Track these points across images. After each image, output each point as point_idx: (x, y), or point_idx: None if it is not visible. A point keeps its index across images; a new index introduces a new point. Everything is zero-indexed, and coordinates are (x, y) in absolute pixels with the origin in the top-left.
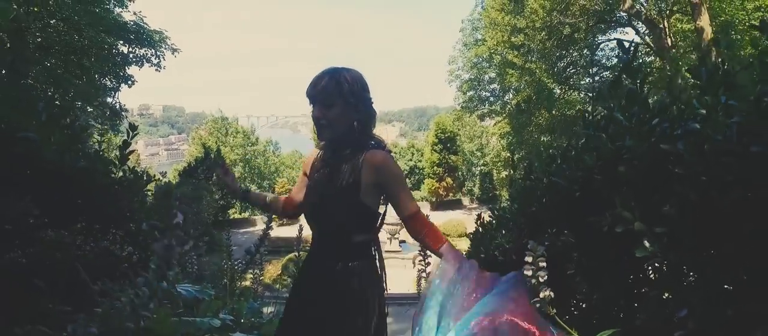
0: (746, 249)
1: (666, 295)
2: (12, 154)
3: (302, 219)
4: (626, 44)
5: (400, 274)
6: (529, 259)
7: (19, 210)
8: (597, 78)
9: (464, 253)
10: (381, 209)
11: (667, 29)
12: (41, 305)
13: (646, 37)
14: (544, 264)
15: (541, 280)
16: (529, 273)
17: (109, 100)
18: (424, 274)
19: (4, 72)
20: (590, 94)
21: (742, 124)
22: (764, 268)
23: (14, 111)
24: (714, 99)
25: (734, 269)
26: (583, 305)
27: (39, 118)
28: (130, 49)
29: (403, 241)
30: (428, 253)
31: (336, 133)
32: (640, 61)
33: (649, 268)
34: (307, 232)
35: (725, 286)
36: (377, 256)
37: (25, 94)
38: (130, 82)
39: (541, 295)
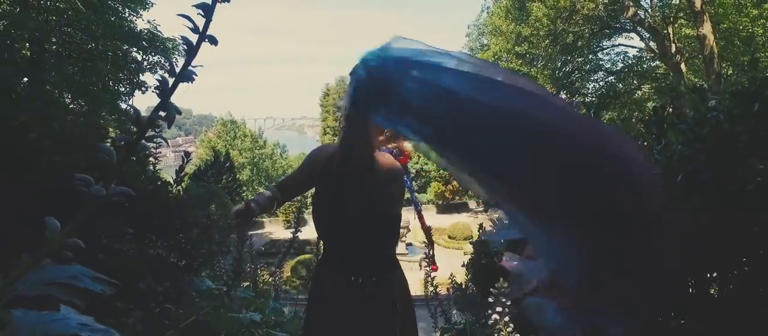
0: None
1: None
2: None
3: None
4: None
5: (407, 276)
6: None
7: (116, 229)
8: (601, 83)
9: (468, 257)
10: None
11: (671, 35)
12: (111, 304)
13: (650, 42)
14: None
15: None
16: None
17: (123, 106)
18: (430, 278)
19: (26, 80)
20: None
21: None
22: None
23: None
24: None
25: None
26: None
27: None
28: (144, 57)
29: (410, 244)
30: (434, 255)
31: None
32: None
33: None
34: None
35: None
36: None
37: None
38: (143, 89)
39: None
